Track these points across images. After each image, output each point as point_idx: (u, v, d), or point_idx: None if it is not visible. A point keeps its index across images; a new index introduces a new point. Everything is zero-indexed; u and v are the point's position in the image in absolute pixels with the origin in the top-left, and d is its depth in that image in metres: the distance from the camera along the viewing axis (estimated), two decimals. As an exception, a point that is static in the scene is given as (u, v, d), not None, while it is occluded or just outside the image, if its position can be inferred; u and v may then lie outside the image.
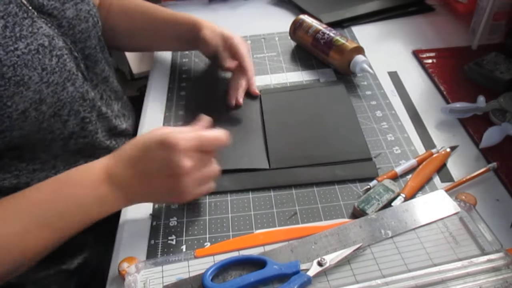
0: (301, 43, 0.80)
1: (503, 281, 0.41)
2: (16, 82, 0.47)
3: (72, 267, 0.63)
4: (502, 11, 0.74)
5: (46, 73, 0.50)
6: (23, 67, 0.47)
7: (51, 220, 0.46)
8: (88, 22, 0.60)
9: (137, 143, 0.50)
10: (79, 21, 0.58)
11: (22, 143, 0.52)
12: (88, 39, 0.60)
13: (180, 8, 1.02)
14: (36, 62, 0.49)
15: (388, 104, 0.68)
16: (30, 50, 0.49)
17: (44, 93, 0.50)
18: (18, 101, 0.47)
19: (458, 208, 0.48)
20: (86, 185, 0.48)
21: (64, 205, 0.47)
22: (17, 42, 0.47)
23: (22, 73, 0.47)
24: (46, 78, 0.50)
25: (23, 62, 0.47)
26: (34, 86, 0.49)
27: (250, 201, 0.54)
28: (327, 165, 0.57)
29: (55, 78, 0.52)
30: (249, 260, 0.45)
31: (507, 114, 0.60)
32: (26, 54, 0.48)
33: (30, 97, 0.49)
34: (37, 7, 0.53)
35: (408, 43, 0.81)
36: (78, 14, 0.58)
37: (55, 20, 0.55)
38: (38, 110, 0.50)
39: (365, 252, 0.45)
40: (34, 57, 0.49)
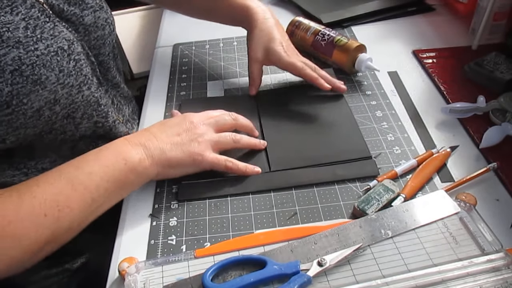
0: (300, 45, 0.80)
1: (503, 281, 0.41)
2: (34, 81, 0.48)
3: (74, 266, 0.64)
4: (502, 11, 0.74)
5: (63, 75, 0.51)
6: (41, 67, 0.49)
7: (78, 178, 0.48)
8: (104, 29, 0.61)
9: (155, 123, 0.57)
10: (95, 28, 0.59)
11: (34, 141, 0.54)
12: (103, 46, 0.62)
13: (180, 8, 1.02)
14: (55, 63, 0.50)
15: (388, 104, 0.68)
16: (49, 52, 0.50)
17: (59, 93, 0.51)
18: (34, 99, 0.49)
19: (458, 208, 0.48)
20: (109, 148, 0.52)
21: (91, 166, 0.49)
22: (38, 43, 0.49)
23: (40, 73, 0.49)
24: (62, 79, 0.51)
25: (41, 62, 0.49)
26: (50, 86, 0.50)
27: (250, 201, 0.54)
28: (327, 165, 0.57)
29: (71, 80, 0.53)
30: (249, 260, 0.45)
31: (507, 114, 0.60)
32: (46, 55, 0.49)
33: (46, 96, 0.50)
34: (57, 13, 0.54)
35: (408, 43, 0.81)
36: (95, 21, 0.59)
37: (72, 26, 0.56)
38: (52, 110, 0.52)
39: (365, 252, 0.45)
40: (53, 58, 0.50)
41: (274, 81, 0.75)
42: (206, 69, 0.80)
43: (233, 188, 0.56)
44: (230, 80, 0.76)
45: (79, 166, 0.49)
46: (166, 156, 0.52)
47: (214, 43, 0.86)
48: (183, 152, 0.53)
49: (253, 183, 0.56)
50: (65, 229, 0.47)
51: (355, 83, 0.73)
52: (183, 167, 0.54)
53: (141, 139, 0.53)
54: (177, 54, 0.84)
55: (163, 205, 0.55)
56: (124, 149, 0.51)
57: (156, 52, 0.87)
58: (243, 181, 0.56)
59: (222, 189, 0.56)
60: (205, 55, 0.83)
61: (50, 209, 0.45)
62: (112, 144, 0.52)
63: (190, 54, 0.84)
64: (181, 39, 0.89)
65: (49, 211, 0.45)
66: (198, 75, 0.78)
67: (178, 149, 0.53)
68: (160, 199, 0.56)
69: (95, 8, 0.60)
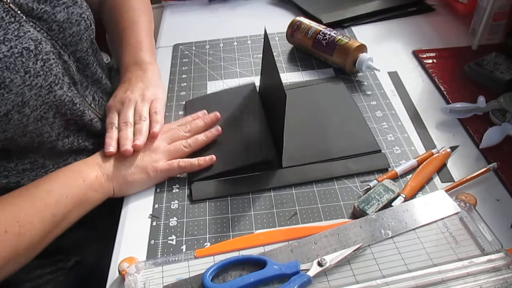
0: (300, 45, 0.80)
1: (503, 281, 0.41)
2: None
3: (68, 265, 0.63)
4: (502, 11, 0.74)
5: (29, 76, 0.50)
6: (5, 69, 0.48)
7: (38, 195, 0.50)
8: (80, 25, 0.59)
9: None
10: (70, 25, 0.58)
11: (8, 145, 0.53)
12: (80, 42, 0.60)
13: (180, 8, 1.02)
14: (19, 65, 0.49)
15: (388, 104, 0.68)
16: (13, 53, 0.49)
17: (26, 95, 0.50)
18: (0, 103, 0.47)
19: (458, 208, 0.48)
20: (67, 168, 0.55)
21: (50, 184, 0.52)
22: (0, 45, 0.48)
23: (3, 76, 0.47)
24: (29, 81, 0.50)
25: (4, 64, 0.48)
26: (16, 88, 0.49)
27: (250, 201, 0.54)
28: (338, 160, 0.58)
29: (39, 81, 0.51)
30: (249, 260, 0.45)
31: (507, 114, 0.60)
32: (9, 57, 0.48)
33: (12, 99, 0.48)
34: (26, 12, 0.53)
35: (408, 43, 0.81)
36: (69, 17, 0.58)
37: (45, 23, 0.55)
38: (21, 112, 0.50)
39: (365, 252, 0.45)
40: (17, 60, 0.49)
41: (274, 81, 0.75)
42: (206, 69, 0.80)
43: (247, 186, 0.56)
44: (230, 80, 0.76)
45: (38, 186, 0.51)
46: (121, 173, 0.55)
47: (214, 43, 0.86)
48: (137, 167, 0.56)
49: (267, 180, 0.56)
50: (27, 246, 0.48)
51: (355, 83, 0.73)
52: (140, 183, 0.57)
53: (97, 160, 0.56)
54: (177, 54, 0.84)
55: (163, 205, 0.55)
56: (81, 168, 0.55)
57: (156, 52, 0.87)
58: (257, 179, 0.56)
59: (236, 187, 0.56)
60: (205, 55, 0.83)
61: (10, 226, 0.46)
62: (71, 166, 0.56)
63: (190, 54, 0.84)
64: (181, 39, 0.89)
65: (10, 227, 0.46)
66: (198, 75, 0.78)
67: (132, 166, 0.56)
68: (160, 199, 0.56)
69: (67, 4, 0.58)
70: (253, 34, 0.88)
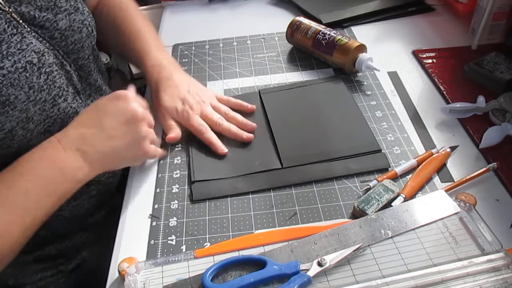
0: (300, 45, 0.80)
1: (503, 281, 0.41)
2: (2, 102, 0.45)
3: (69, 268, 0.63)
4: (502, 11, 0.74)
5: (33, 92, 0.48)
6: (9, 86, 0.46)
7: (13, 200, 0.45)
8: (81, 32, 0.58)
9: (87, 108, 0.52)
10: (72, 32, 0.56)
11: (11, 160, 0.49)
12: (81, 49, 0.59)
13: (180, 8, 1.02)
14: (23, 80, 0.47)
15: (388, 104, 0.68)
16: (17, 69, 0.47)
17: (31, 111, 0.49)
18: (4, 120, 0.46)
19: (458, 208, 0.48)
20: (42, 158, 0.48)
21: (26, 182, 0.46)
22: (3, 61, 0.46)
23: (7, 93, 0.45)
24: (33, 96, 0.48)
25: (8, 81, 0.46)
26: (20, 105, 0.47)
27: (250, 201, 0.54)
28: (338, 160, 0.58)
29: (43, 95, 0.50)
30: (249, 260, 0.45)
31: (507, 114, 0.60)
32: (13, 73, 0.46)
33: (17, 116, 0.47)
34: (28, 20, 0.51)
35: (408, 43, 0.81)
36: (71, 25, 0.56)
37: (47, 32, 0.53)
38: (25, 128, 0.49)
39: (365, 252, 0.45)
40: (21, 75, 0.47)
41: (274, 81, 0.75)
42: (206, 69, 0.80)
43: (248, 186, 0.56)
44: (230, 80, 0.76)
45: (12, 185, 0.46)
46: (107, 159, 0.51)
47: (214, 43, 0.86)
48: (127, 150, 0.52)
49: (267, 180, 0.56)
50: (7, 253, 0.45)
51: (355, 83, 0.73)
52: (125, 164, 0.55)
53: (75, 142, 0.49)
54: (177, 54, 0.84)
55: (163, 205, 0.55)
56: (58, 156, 0.48)
57: (156, 52, 0.87)
58: (257, 179, 0.56)
59: (235, 188, 0.56)
60: (205, 55, 0.83)
61: None
62: (44, 151, 0.48)
63: (190, 54, 0.84)
64: (181, 39, 0.89)
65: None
66: (198, 75, 0.78)
67: (121, 148, 0.51)
68: (160, 199, 0.56)
69: (69, 11, 0.56)
70: (253, 34, 0.88)
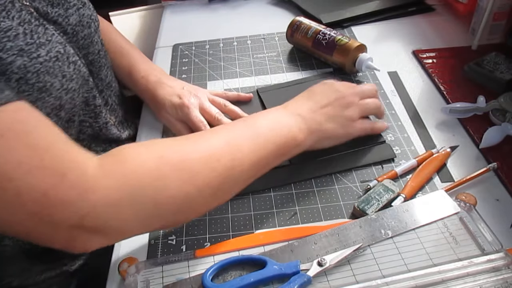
0: (300, 45, 0.80)
1: (503, 281, 0.41)
2: (39, 88, 0.47)
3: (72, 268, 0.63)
4: (502, 11, 0.74)
5: (66, 80, 0.50)
6: (46, 74, 0.47)
7: (249, 133, 0.48)
8: (90, 27, 0.59)
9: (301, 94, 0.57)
10: (81, 27, 0.57)
11: None
12: (91, 44, 0.60)
13: (180, 8, 1.02)
14: (57, 69, 0.49)
15: (388, 104, 0.68)
16: (50, 58, 0.49)
17: (63, 99, 0.51)
18: (41, 106, 0.48)
19: (458, 208, 0.48)
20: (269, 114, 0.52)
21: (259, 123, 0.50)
22: (39, 49, 0.47)
23: (44, 80, 0.47)
24: (66, 85, 0.50)
25: (45, 69, 0.48)
26: (55, 92, 0.49)
27: (250, 201, 0.54)
28: (345, 154, 0.58)
29: (73, 85, 0.52)
30: (249, 260, 0.45)
31: (507, 114, 0.60)
32: (48, 61, 0.48)
33: (52, 103, 0.49)
34: (43, 15, 0.52)
35: (408, 43, 0.81)
36: (81, 20, 0.57)
37: (59, 27, 0.54)
38: (57, 116, 0.51)
39: (365, 252, 0.45)
40: (54, 64, 0.49)
41: (275, 81, 0.75)
42: (206, 69, 0.80)
43: (255, 185, 0.54)
44: (230, 80, 0.76)
45: (248, 124, 0.50)
46: (322, 128, 0.53)
47: (214, 43, 0.86)
48: (337, 123, 0.54)
49: (275, 177, 0.56)
50: (235, 180, 0.46)
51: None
52: (337, 138, 0.56)
53: (297, 109, 0.53)
54: (177, 54, 0.84)
55: (163, 205, 0.55)
56: (285, 118, 0.52)
57: (156, 52, 0.87)
58: (265, 176, 0.55)
59: None
60: (205, 55, 0.83)
61: (224, 157, 0.44)
62: (273, 112, 0.53)
63: (190, 54, 0.84)
64: (181, 39, 0.89)
65: (223, 158, 0.44)
66: (198, 75, 0.78)
67: (333, 121, 0.54)
68: (160, 199, 0.56)
69: (78, 6, 0.57)
70: (253, 34, 0.88)
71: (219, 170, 0.44)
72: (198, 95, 0.65)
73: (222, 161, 0.44)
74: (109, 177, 0.38)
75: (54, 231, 0.37)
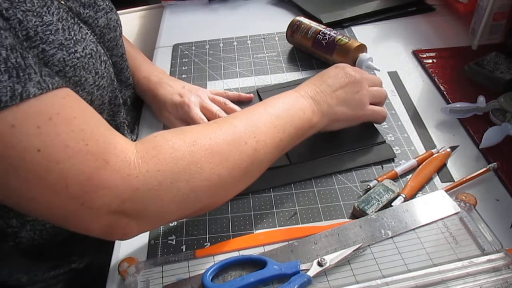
0: (301, 45, 0.80)
1: (503, 281, 0.41)
2: (75, 82, 0.49)
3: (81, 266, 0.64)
4: (502, 11, 0.74)
5: (98, 77, 0.52)
6: (81, 69, 0.49)
7: (269, 117, 0.49)
8: (116, 31, 0.62)
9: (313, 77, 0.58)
10: (108, 30, 0.59)
11: None
12: (115, 47, 0.62)
13: (180, 8, 1.02)
14: (91, 65, 0.51)
15: (388, 104, 0.68)
16: (86, 54, 0.50)
17: (94, 95, 0.52)
18: None
19: (458, 208, 0.48)
20: (285, 97, 0.53)
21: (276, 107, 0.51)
22: (76, 45, 0.49)
23: (80, 74, 0.49)
24: (97, 81, 0.52)
25: (81, 64, 0.49)
26: (88, 87, 0.51)
27: (250, 201, 0.54)
28: (345, 153, 0.59)
29: (103, 82, 0.54)
30: (249, 260, 0.45)
31: (507, 114, 0.60)
32: (83, 57, 0.50)
33: (84, 97, 0.50)
34: (76, 15, 0.54)
35: (408, 43, 0.81)
36: (108, 23, 0.59)
37: (89, 28, 0.56)
38: None
39: (365, 252, 0.45)
40: (89, 60, 0.51)
41: (274, 81, 0.75)
42: (206, 69, 0.80)
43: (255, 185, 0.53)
44: (230, 80, 0.76)
45: (267, 108, 0.51)
46: (333, 111, 0.55)
47: (214, 43, 0.86)
48: (348, 107, 0.56)
49: (275, 177, 0.56)
50: (260, 162, 0.48)
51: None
52: (347, 121, 0.57)
53: (310, 92, 0.54)
54: (177, 54, 0.84)
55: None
56: (299, 101, 0.53)
57: (156, 52, 0.87)
58: (266, 176, 0.54)
59: None
60: (205, 55, 0.83)
61: (249, 139, 0.46)
62: (288, 95, 0.54)
63: (190, 54, 0.84)
64: (181, 39, 0.89)
65: (249, 141, 0.46)
66: (198, 75, 0.78)
67: (344, 104, 0.55)
68: (160, 199, 0.56)
69: (106, 10, 0.59)
70: (253, 34, 0.88)
71: (247, 152, 0.46)
72: (199, 94, 0.67)
73: (249, 144, 0.46)
74: (148, 162, 0.40)
75: (95, 216, 0.38)
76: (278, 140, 0.49)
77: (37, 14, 0.44)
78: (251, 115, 0.50)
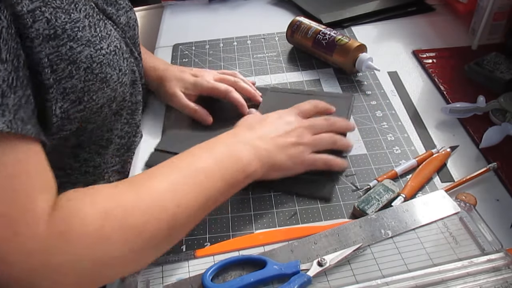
0: (301, 45, 0.80)
1: (503, 281, 0.41)
2: (101, 79, 0.49)
3: None
4: (502, 11, 0.74)
5: (122, 74, 0.53)
6: (107, 65, 0.50)
7: (193, 174, 0.45)
8: (135, 30, 0.63)
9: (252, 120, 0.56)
10: (128, 28, 0.61)
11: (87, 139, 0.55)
12: (134, 46, 0.63)
13: (180, 8, 1.02)
14: (116, 62, 0.52)
15: (388, 104, 0.68)
16: (110, 51, 0.51)
17: (118, 91, 0.53)
18: (100, 96, 0.50)
19: (458, 208, 0.48)
20: (220, 142, 0.51)
21: (203, 161, 0.47)
22: (101, 42, 0.50)
23: (105, 71, 0.50)
24: (121, 78, 0.53)
25: (107, 61, 0.50)
26: (112, 84, 0.51)
27: (250, 201, 0.54)
28: None
29: (126, 79, 0.54)
30: (249, 260, 0.45)
31: (507, 114, 0.60)
32: (109, 54, 0.51)
33: (108, 94, 0.51)
34: (101, 11, 0.55)
35: (408, 43, 0.81)
36: (128, 21, 0.61)
37: (112, 25, 0.57)
38: (109, 107, 0.53)
39: (365, 252, 0.45)
40: (114, 57, 0.52)
41: (274, 81, 0.75)
42: (206, 69, 0.80)
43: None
44: (230, 80, 0.76)
45: (193, 161, 0.47)
46: (272, 160, 0.51)
47: (214, 43, 0.86)
48: (286, 156, 0.52)
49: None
50: (181, 226, 0.44)
51: (355, 83, 0.73)
52: (285, 171, 0.53)
53: (247, 137, 0.52)
54: (177, 54, 0.84)
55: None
56: (235, 147, 0.50)
57: (156, 52, 0.87)
58: None
59: None
60: (205, 55, 0.83)
61: (170, 203, 0.42)
62: (221, 141, 0.51)
63: (190, 54, 0.84)
64: (181, 39, 0.89)
65: (169, 205, 0.42)
66: (198, 75, 0.78)
67: (282, 153, 0.52)
68: (160, 199, 0.56)
69: (126, 9, 0.61)
70: (253, 34, 0.88)
71: (165, 219, 0.42)
72: (208, 71, 0.70)
73: (168, 209, 0.42)
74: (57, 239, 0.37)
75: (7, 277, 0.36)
76: (203, 200, 0.45)
77: (66, 11, 0.45)
78: (173, 173, 0.45)
